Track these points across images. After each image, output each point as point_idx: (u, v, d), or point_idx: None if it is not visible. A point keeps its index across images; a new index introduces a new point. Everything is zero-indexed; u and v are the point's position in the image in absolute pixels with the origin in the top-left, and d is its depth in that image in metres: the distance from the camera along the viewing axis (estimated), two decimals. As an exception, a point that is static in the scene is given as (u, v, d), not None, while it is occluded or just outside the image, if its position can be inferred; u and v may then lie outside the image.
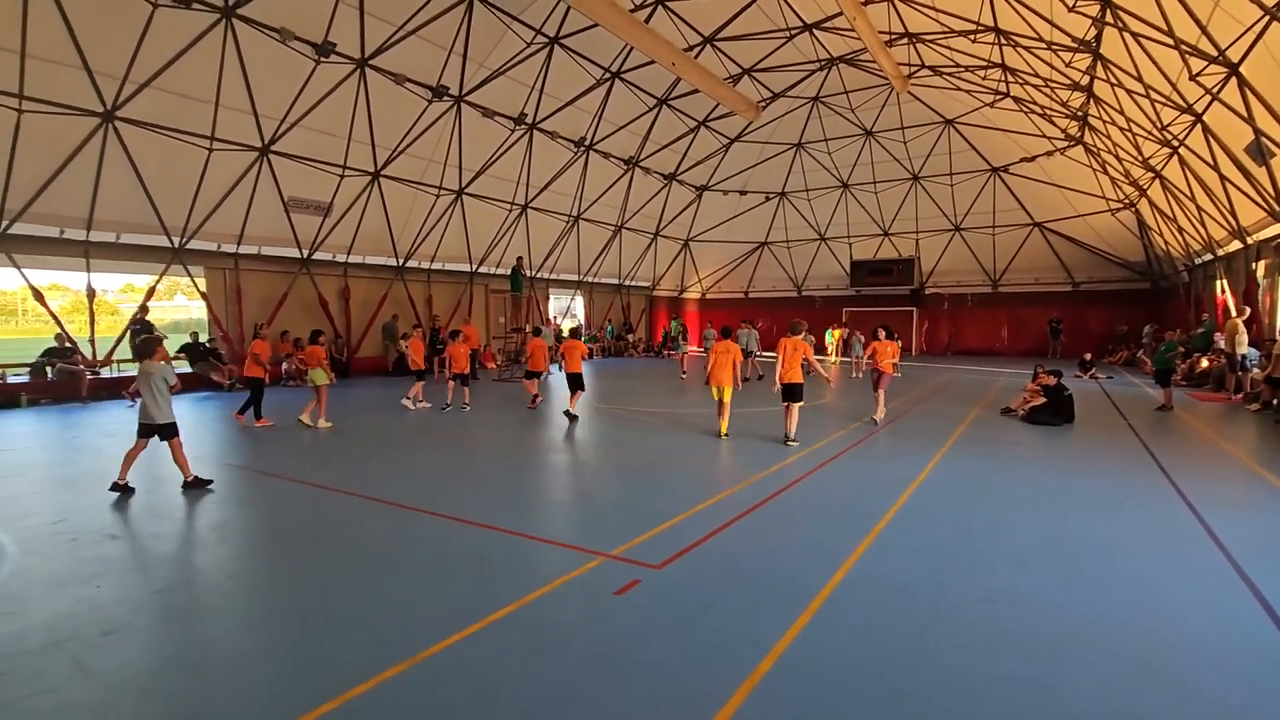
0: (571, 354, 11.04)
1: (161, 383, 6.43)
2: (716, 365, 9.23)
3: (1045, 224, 25.48)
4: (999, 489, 6.63)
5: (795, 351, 8.77)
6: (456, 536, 5.22)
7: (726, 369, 9.15)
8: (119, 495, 6.20)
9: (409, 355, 13.26)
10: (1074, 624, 3.68)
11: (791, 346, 8.81)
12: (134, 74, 12.47)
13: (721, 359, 9.21)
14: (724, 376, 9.14)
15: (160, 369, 6.50)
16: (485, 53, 17.14)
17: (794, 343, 8.83)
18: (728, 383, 9.15)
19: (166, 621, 3.77)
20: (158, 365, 6.51)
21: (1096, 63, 14.25)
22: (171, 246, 15.11)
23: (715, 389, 9.27)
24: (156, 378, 6.41)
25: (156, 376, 6.42)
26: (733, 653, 3.37)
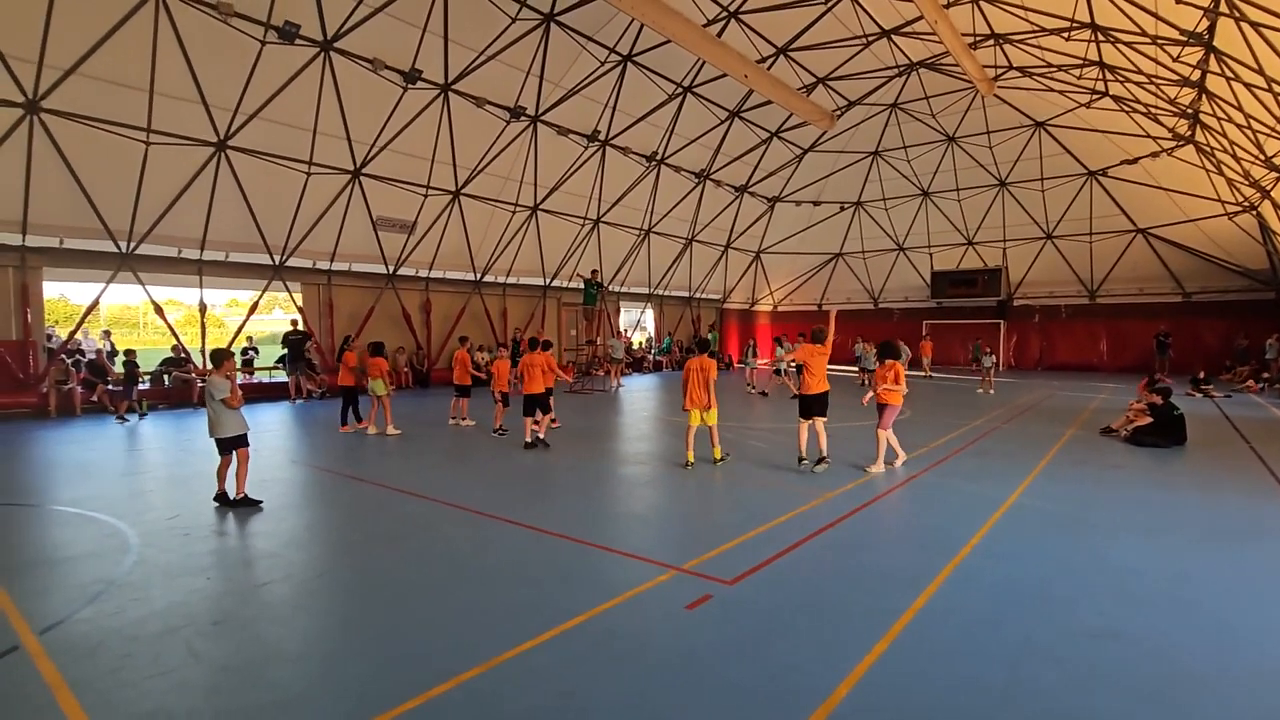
0: (531, 372, 9.62)
1: (210, 396, 6.31)
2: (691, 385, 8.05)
3: (1150, 230, 23.65)
4: (1100, 516, 6.17)
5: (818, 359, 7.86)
6: (530, 545, 5.33)
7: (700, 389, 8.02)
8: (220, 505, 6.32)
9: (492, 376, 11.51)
10: (1196, 668, 3.37)
11: (813, 353, 7.87)
12: (244, 106, 13.58)
13: (695, 377, 8.06)
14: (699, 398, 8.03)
15: (212, 383, 6.33)
16: (561, 73, 17.64)
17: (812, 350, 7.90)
18: (704, 404, 8.03)
19: (268, 614, 4.02)
20: (214, 379, 6.36)
21: (1209, 55, 13.18)
22: (273, 264, 16.28)
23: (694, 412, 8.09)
24: (211, 390, 6.33)
25: (211, 390, 6.32)
26: (809, 675, 3.27)
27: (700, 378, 8.02)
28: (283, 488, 7.22)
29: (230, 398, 6.29)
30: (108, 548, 5.19)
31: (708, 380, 8.02)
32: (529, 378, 9.64)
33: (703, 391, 8.01)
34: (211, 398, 6.29)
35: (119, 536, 5.43)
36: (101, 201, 12.90)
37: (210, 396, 6.30)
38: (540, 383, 9.63)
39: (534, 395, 9.58)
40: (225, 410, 6.32)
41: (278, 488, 7.18)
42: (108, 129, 12.36)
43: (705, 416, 8.09)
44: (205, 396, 6.38)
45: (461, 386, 11.94)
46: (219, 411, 6.31)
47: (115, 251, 13.63)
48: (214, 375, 6.39)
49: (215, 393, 6.28)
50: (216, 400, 6.28)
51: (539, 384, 9.62)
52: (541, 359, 9.75)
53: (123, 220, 13.36)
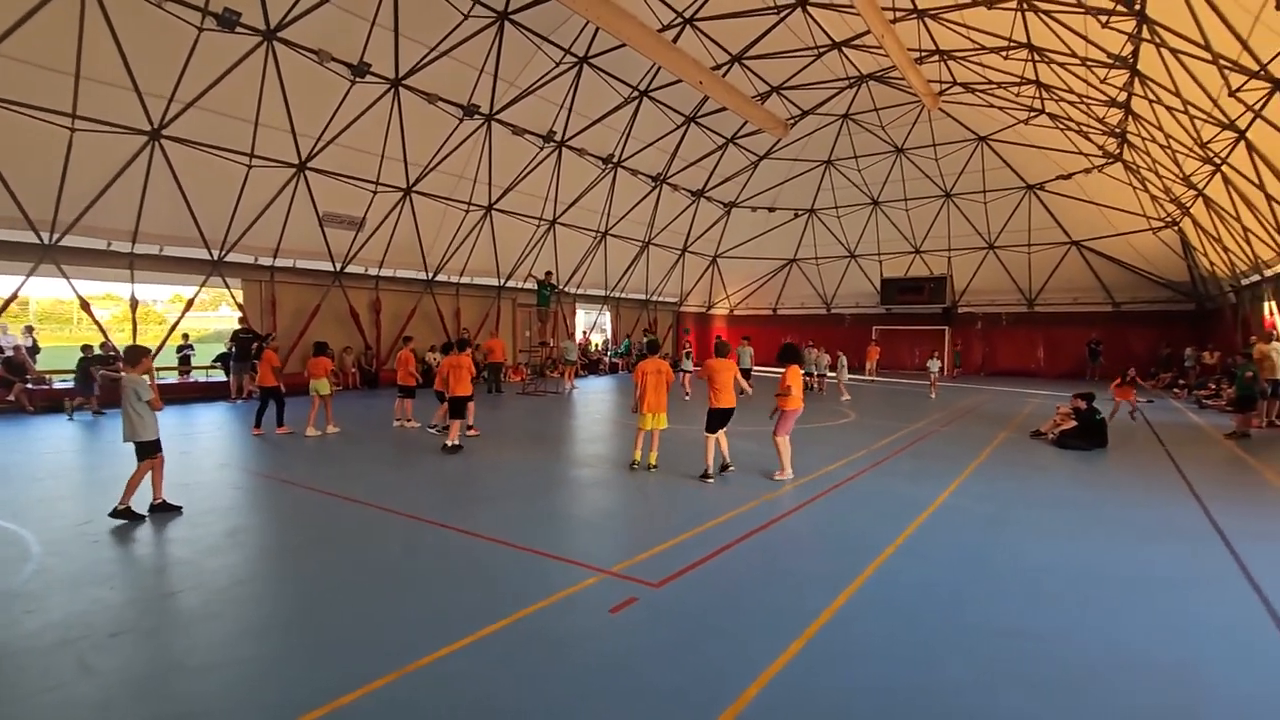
0: (458, 373, 9.52)
1: (135, 396, 5.87)
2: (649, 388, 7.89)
3: (1083, 243, 24.81)
4: (1021, 516, 6.42)
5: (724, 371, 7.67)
6: (460, 549, 5.25)
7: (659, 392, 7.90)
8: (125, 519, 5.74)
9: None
10: (1094, 664, 3.53)
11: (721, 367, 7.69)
12: (180, 94, 13.04)
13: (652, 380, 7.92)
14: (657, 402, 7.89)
15: (136, 382, 5.90)
16: (515, 72, 17.50)
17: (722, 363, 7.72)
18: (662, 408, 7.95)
19: (172, 624, 3.86)
20: (133, 377, 5.93)
21: (1134, 79, 13.91)
22: (211, 259, 15.67)
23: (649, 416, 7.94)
24: (130, 390, 5.87)
25: (130, 389, 5.87)
26: (725, 675, 3.31)
27: (658, 380, 7.92)
28: (207, 492, 6.94)
29: (155, 398, 5.93)
30: (6, 556, 4.90)
31: (668, 383, 7.98)
32: (455, 379, 9.55)
33: (663, 395, 7.92)
34: (136, 398, 5.84)
35: (19, 544, 5.13)
36: (21, 189, 12.19)
37: (134, 397, 5.84)
38: (469, 384, 9.66)
39: (456, 397, 9.56)
40: (149, 412, 5.94)
41: (201, 491, 6.91)
42: (28, 114, 11.70)
43: (656, 420, 8.01)
44: (123, 398, 5.90)
45: (405, 387, 11.70)
46: (143, 414, 5.89)
47: (36, 243, 12.92)
48: (132, 373, 5.96)
49: (141, 393, 5.86)
50: (141, 401, 5.85)
51: (467, 385, 9.63)
52: (468, 360, 9.81)
53: (45, 210, 12.67)
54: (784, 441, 7.70)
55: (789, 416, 7.70)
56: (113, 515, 5.74)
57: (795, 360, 7.85)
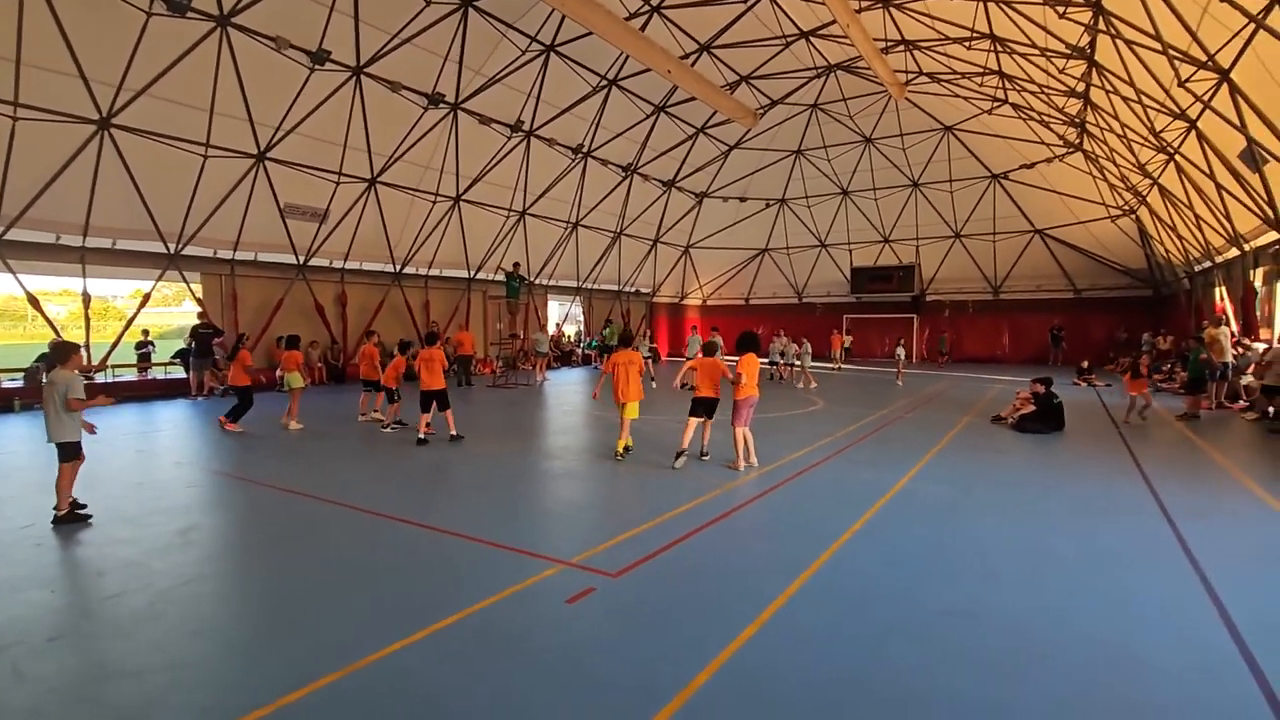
0: (430, 366, 9.38)
1: (57, 396, 5.58)
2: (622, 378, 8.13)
3: (1046, 231, 25.34)
4: (978, 499, 6.55)
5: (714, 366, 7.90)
6: (419, 544, 5.20)
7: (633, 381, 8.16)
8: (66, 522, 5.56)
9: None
10: (1037, 642, 3.60)
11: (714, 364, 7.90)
12: (129, 81, 12.59)
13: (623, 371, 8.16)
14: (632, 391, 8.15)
15: (65, 379, 5.62)
16: (481, 60, 17.24)
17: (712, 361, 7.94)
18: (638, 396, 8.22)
19: (114, 628, 3.75)
20: (64, 375, 5.63)
21: (1091, 69, 14.19)
22: (168, 252, 15.22)
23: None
24: (60, 388, 5.57)
25: (60, 387, 5.57)
26: (674, 665, 3.32)
27: (630, 371, 8.11)
28: (161, 490, 6.78)
29: (74, 400, 5.58)
30: (-59, 562, 4.73)
31: (640, 372, 8.28)
32: (428, 372, 9.40)
33: (637, 384, 8.14)
34: (58, 398, 5.55)
35: (-44, 549, 4.96)
36: (-39, 181, 11.72)
37: (57, 396, 5.55)
38: (441, 378, 9.47)
39: (429, 390, 9.37)
40: (71, 413, 5.63)
41: (155, 490, 6.75)
42: (-34, 101, 11.23)
43: (629, 410, 8.15)
44: (45, 397, 5.61)
45: (369, 381, 11.59)
46: (63, 415, 5.59)
47: (-21, 237, 12.43)
48: (62, 371, 5.63)
49: (72, 391, 5.58)
50: (63, 399, 5.55)
51: (440, 379, 9.43)
52: (439, 353, 9.62)
53: (-12, 203, 12.18)
54: (741, 432, 7.64)
55: (742, 406, 7.64)
56: (55, 523, 5.55)
57: (752, 349, 7.87)
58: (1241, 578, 4.51)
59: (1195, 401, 11.88)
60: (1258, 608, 4.01)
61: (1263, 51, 9.15)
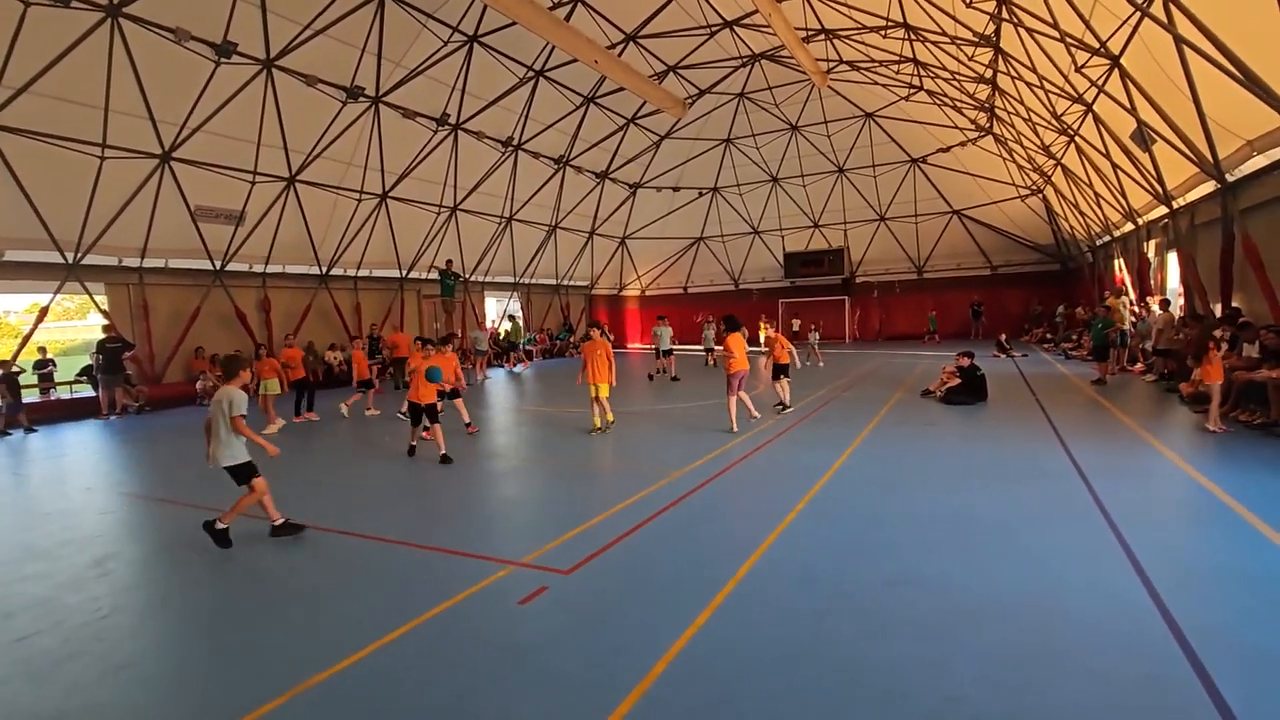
0: (416, 377, 8.31)
1: (227, 413, 5.15)
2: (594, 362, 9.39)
3: (963, 211, 26.61)
4: (912, 471, 6.85)
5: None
6: (361, 554, 5.04)
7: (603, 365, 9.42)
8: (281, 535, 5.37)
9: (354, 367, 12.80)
10: (968, 604, 3.80)
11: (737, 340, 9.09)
12: (9, 79, 11.54)
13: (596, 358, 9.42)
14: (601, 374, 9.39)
15: (233, 396, 5.19)
16: (401, 52, 16.66)
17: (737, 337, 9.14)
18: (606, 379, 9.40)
19: (27, 669, 3.48)
20: (232, 391, 5.21)
21: (998, 56, 14.93)
22: (65, 263, 14.09)
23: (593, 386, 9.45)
24: (224, 404, 5.16)
25: (225, 404, 5.16)
26: (631, 655, 3.35)
27: (597, 358, 9.30)
28: (70, 520, 6.30)
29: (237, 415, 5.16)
30: None
31: (609, 358, 9.39)
32: (415, 382, 8.26)
33: (603, 368, 9.28)
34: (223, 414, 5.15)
35: None
36: None
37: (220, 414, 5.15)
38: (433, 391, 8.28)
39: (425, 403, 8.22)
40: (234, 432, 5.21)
41: (64, 520, 6.27)
42: None
43: (601, 390, 9.31)
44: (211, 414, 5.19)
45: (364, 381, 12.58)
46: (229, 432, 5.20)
47: None
48: (230, 387, 5.24)
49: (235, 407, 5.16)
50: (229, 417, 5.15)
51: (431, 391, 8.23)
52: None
53: None
54: (732, 401, 8.97)
55: (735, 378, 8.91)
56: (274, 534, 5.51)
57: (736, 329, 9.17)
58: (1150, 529, 4.89)
59: (1104, 367, 12.75)
60: (1165, 556, 4.36)
61: (1149, 38, 9.84)
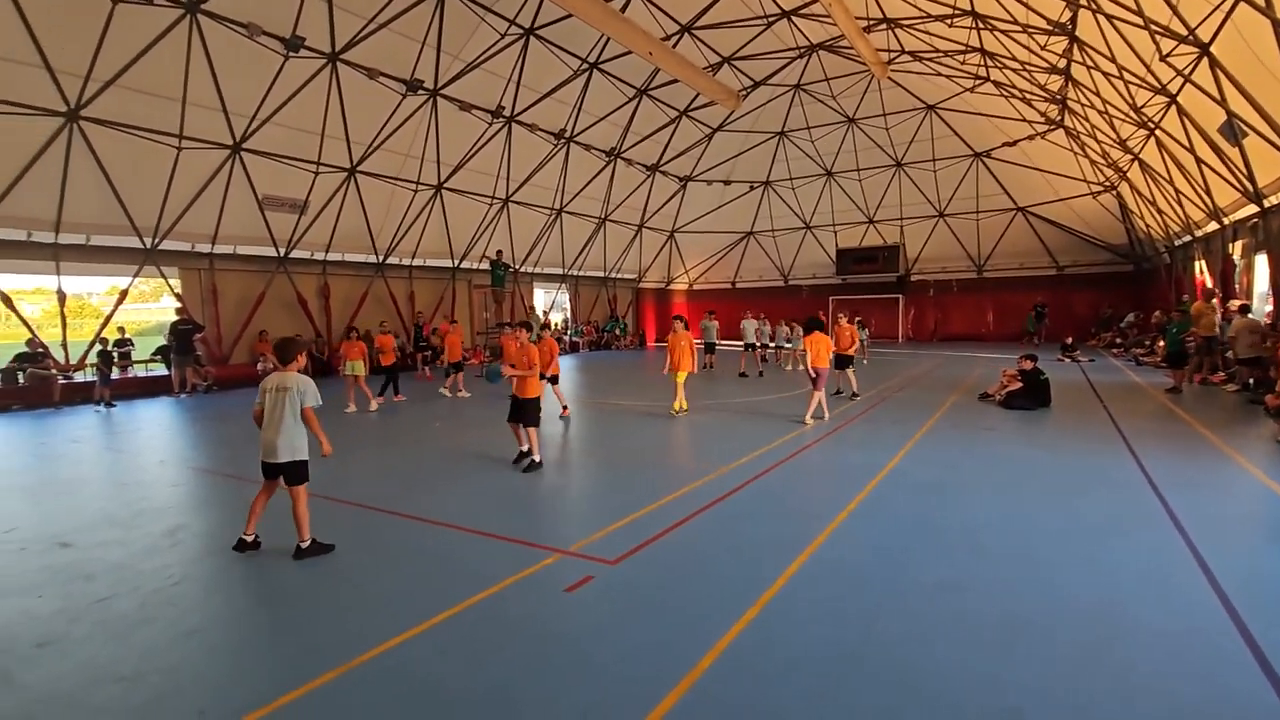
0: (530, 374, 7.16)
1: (296, 402, 4.56)
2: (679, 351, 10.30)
3: (1028, 208, 25.49)
4: (968, 475, 6.61)
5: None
6: (415, 536, 5.17)
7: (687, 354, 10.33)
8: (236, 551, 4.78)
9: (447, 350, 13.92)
10: (1026, 611, 3.66)
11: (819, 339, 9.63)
12: (97, 72, 12.23)
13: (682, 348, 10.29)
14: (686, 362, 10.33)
15: (303, 383, 4.63)
16: (459, 45, 16.94)
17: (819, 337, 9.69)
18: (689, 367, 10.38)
19: (105, 631, 3.69)
20: (298, 378, 4.65)
21: (1072, 45, 14.21)
22: (144, 247, 14.90)
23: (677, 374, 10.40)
24: (293, 394, 4.57)
25: (294, 392, 4.58)
26: (676, 649, 3.33)
27: (686, 344, 10.23)
28: (144, 491, 6.68)
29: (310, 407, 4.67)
30: (-78, 570, 4.62)
31: (691, 348, 10.33)
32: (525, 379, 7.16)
33: (687, 357, 10.25)
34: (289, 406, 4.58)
35: (-63, 556, 4.85)
36: (-75, 178, 11.36)
37: (287, 403, 4.57)
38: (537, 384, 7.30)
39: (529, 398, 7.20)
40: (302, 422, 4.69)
41: (139, 491, 6.64)
42: (-74, 95, 10.86)
43: (679, 375, 10.32)
44: (270, 402, 4.62)
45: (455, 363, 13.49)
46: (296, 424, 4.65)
47: (-53, 235, 12.09)
48: (291, 373, 4.68)
49: (306, 398, 4.61)
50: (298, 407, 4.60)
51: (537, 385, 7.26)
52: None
53: (-47, 200, 11.84)
54: (816, 395, 9.56)
55: (818, 375, 9.48)
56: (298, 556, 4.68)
57: (818, 329, 9.74)
58: (1228, 545, 4.59)
59: (1180, 375, 12.04)
60: (1244, 572, 4.09)
61: (1242, 25, 9.18)
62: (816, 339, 9.55)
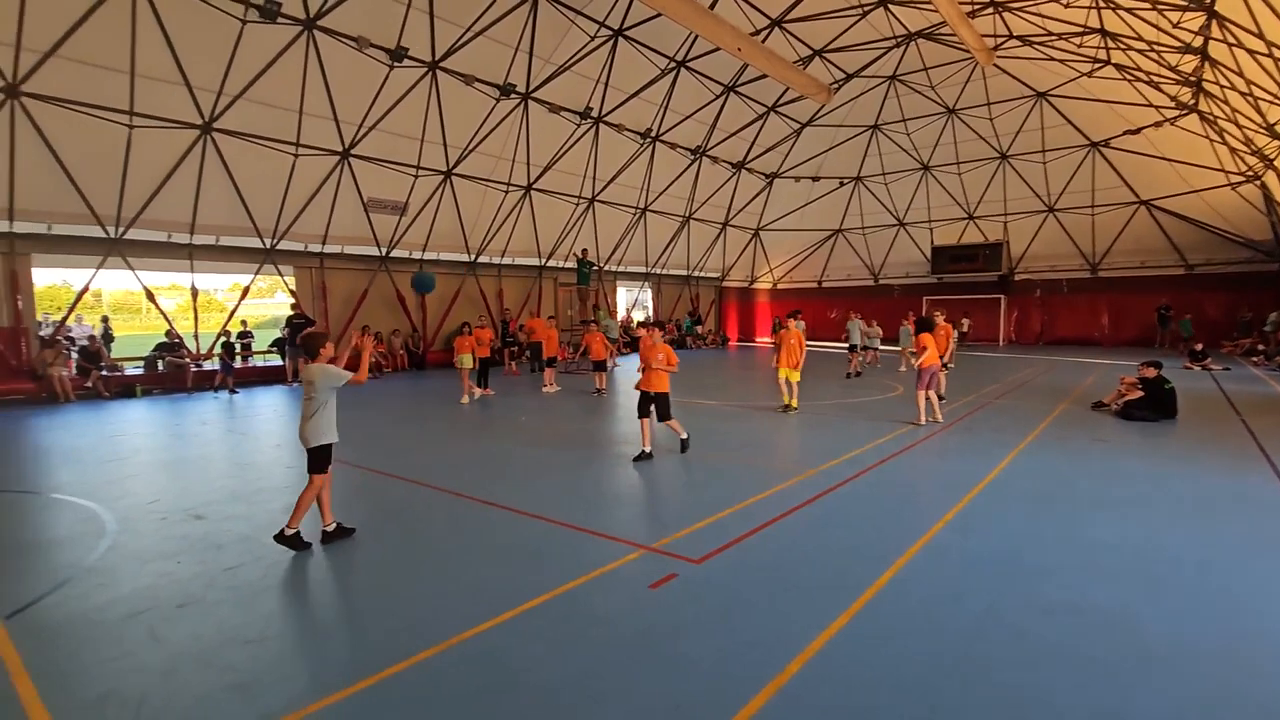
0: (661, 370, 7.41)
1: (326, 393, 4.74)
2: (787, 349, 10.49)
3: (1153, 202, 23.31)
4: (1079, 490, 6.14)
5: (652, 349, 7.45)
6: (503, 525, 5.35)
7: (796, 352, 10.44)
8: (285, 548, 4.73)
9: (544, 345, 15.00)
10: (1149, 643, 3.36)
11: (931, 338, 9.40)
12: (227, 87, 13.41)
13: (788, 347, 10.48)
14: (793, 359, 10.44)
15: (322, 373, 4.76)
16: (550, 49, 17.36)
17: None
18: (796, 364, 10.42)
19: (234, 596, 4.04)
20: (321, 369, 4.78)
21: (1211, 21, 12.85)
22: (264, 247, 16.21)
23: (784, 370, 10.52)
24: (318, 385, 4.74)
25: (313, 386, 4.75)
26: (762, 652, 3.28)
27: (796, 341, 10.37)
28: (262, 471, 7.25)
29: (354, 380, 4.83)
30: (83, 532, 5.23)
31: (802, 345, 10.48)
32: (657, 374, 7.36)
33: (795, 355, 10.35)
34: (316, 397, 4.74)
35: (95, 521, 5.48)
36: (87, 186, 12.82)
37: (315, 395, 4.75)
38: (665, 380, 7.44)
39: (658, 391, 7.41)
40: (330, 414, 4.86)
41: (257, 471, 7.23)
42: (89, 112, 12.24)
43: (791, 374, 10.40)
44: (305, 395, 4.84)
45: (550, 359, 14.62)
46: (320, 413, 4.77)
47: (104, 237, 13.59)
48: (316, 365, 4.82)
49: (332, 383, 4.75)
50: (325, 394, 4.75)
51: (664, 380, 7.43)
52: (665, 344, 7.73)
53: (109, 205, 13.30)
54: (922, 395, 9.36)
55: (925, 373, 9.28)
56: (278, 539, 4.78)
57: (930, 328, 9.74)
58: (1401, 584, 4.03)
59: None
60: None
61: None
62: (928, 338, 9.37)
